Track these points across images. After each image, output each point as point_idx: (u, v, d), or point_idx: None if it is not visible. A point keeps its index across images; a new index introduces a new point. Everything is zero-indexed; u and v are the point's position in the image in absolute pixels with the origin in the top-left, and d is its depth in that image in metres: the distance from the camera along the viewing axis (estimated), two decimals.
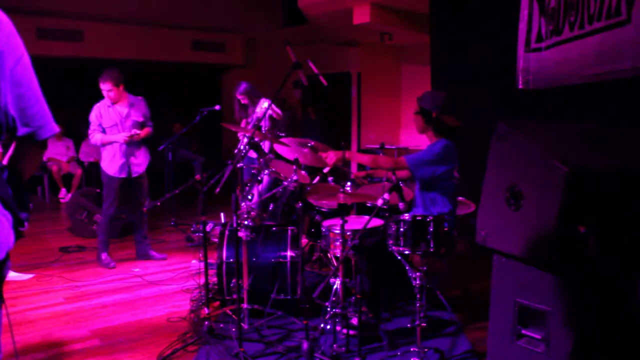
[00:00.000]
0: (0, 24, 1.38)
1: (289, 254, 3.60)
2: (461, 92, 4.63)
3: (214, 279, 3.79)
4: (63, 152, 8.59)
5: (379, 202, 2.91)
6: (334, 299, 3.32)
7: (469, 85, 5.14)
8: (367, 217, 3.15)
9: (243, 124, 5.81)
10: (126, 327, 3.51)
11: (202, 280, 3.57)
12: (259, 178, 3.52)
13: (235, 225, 3.23)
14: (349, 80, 9.54)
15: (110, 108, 4.72)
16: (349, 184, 3.72)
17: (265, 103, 5.71)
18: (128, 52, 9.29)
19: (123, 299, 4.06)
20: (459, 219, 3.69)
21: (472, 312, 3.62)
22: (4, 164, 1.47)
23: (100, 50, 8.91)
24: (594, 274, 2.12)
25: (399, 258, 2.93)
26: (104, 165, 4.81)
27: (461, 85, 5.19)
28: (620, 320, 2.18)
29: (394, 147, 8.74)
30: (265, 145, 5.41)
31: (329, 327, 3.20)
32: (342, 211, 3.13)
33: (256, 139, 3.52)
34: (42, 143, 1.52)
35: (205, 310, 3.41)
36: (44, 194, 8.51)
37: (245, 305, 3.32)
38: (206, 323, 3.30)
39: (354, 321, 3.09)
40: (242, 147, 3.62)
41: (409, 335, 3.15)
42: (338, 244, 3.19)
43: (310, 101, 9.07)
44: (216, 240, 3.76)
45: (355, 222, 3.37)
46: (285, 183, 3.47)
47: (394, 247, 2.88)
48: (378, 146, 4.67)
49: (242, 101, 5.79)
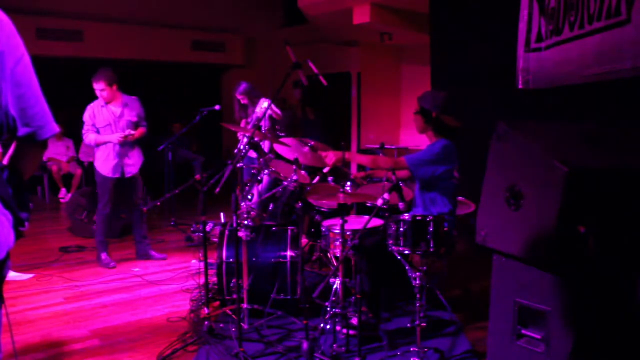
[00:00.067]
0: (0, 24, 1.38)
1: (289, 254, 3.60)
2: (461, 92, 4.63)
3: (214, 279, 3.79)
4: (63, 152, 8.59)
5: (379, 202, 2.91)
6: (334, 299, 3.32)
7: (469, 85, 5.14)
8: (367, 217, 3.15)
9: (243, 124, 5.81)
10: (126, 327, 3.51)
11: (202, 280, 3.57)
12: (259, 178, 3.52)
13: (235, 225, 3.23)
14: (349, 80, 9.54)
15: (104, 108, 4.71)
16: (348, 184, 3.72)
17: (265, 103, 5.71)
18: (128, 52, 9.29)
19: (123, 299, 4.06)
20: (459, 219, 3.69)
21: (472, 312, 3.62)
22: (4, 164, 1.47)
23: (100, 50, 8.90)
24: (594, 274, 2.12)
25: (399, 258, 2.93)
26: (97, 166, 4.81)
27: (461, 85, 5.18)
28: (620, 320, 2.18)
29: (394, 147, 8.73)
30: (265, 145, 5.41)
31: (329, 327, 3.20)
32: (342, 211, 3.13)
33: (256, 139, 3.52)
34: (43, 143, 1.52)
35: (205, 310, 3.42)
36: (44, 194, 8.51)
37: (245, 305, 3.32)
38: (206, 323, 3.30)
39: (354, 321, 3.09)
40: (242, 147, 3.62)
41: (409, 335, 3.15)
42: (338, 244, 3.19)
43: (310, 101, 9.07)
44: (216, 240, 3.76)
45: (355, 222, 3.37)
46: (285, 183, 3.47)
47: (394, 247, 2.88)
48: (378, 146, 4.67)
49: (242, 101, 5.80)
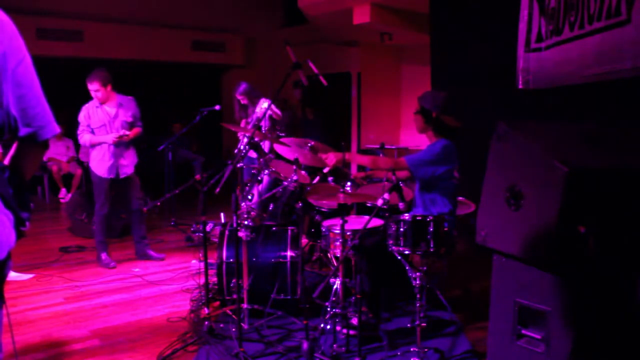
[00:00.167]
0: (2, 25, 1.39)
1: (289, 254, 3.60)
2: (461, 92, 4.63)
3: (214, 279, 3.79)
4: (63, 152, 8.59)
5: (379, 202, 2.91)
6: (334, 299, 3.32)
7: (469, 85, 5.14)
8: (367, 217, 3.15)
9: (243, 124, 5.82)
10: (126, 327, 3.51)
11: (202, 280, 3.57)
12: (259, 178, 3.52)
13: (235, 225, 3.23)
14: (349, 80, 9.54)
15: (98, 109, 4.70)
16: (348, 184, 3.72)
17: (265, 103, 5.71)
18: (128, 52, 9.29)
19: (123, 299, 4.06)
20: (459, 219, 3.69)
21: (472, 312, 3.62)
22: (5, 164, 1.47)
23: (100, 50, 8.90)
24: (594, 274, 2.12)
25: (399, 258, 2.93)
26: (92, 166, 4.81)
27: (461, 85, 5.18)
28: (620, 320, 2.18)
29: (394, 147, 8.73)
30: (265, 145, 5.41)
31: (329, 327, 3.20)
32: (342, 211, 3.13)
33: (256, 139, 3.52)
34: (44, 143, 1.52)
35: (205, 310, 3.42)
36: (44, 194, 8.50)
37: (245, 305, 3.32)
38: (206, 323, 3.30)
39: (354, 321, 3.09)
40: (242, 147, 3.62)
41: (409, 335, 3.15)
42: (338, 244, 3.19)
43: (309, 101, 9.07)
44: (216, 240, 3.76)
45: (355, 222, 3.37)
46: (285, 183, 3.47)
47: (394, 247, 2.88)
48: (378, 146, 4.67)
49: (242, 101, 5.80)
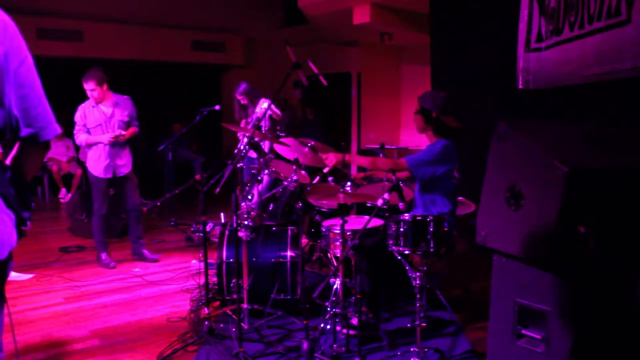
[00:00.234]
0: (4, 26, 1.39)
1: (289, 254, 3.60)
2: (461, 92, 4.63)
3: (214, 279, 3.79)
4: (63, 152, 8.59)
5: (379, 202, 2.91)
6: (334, 299, 3.32)
7: (469, 85, 5.14)
8: (367, 217, 3.15)
9: (243, 124, 5.82)
10: (126, 327, 3.51)
11: (202, 280, 3.57)
12: (259, 178, 3.52)
13: (235, 225, 3.23)
14: (349, 80, 9.54)
15: (94, 108, 4.70)
16: (348, 184, 3.72)
17: (265, 103, 5.71)
18: (128, 52, 9.29)
19: (123, 299, 4.06)
20: (459, 219, 3.69)
21: (472, 312, 3.62)
22: (7, 164, 1.47)
23: (100, 50, 8.90)
24: (594, 274, 2.12)
25: (399, 258, 2.93)
26: (89, 166, 4.81)
27: (461, 85, 5.18)
28: (620, 320, 2.18)
29: (394, 147, 8.73)
30: (265, 145, 5.41)
31: (329, 327, 3.20)
32: (342, 211, 3.13)
33: (256, 139, 3.52)
34: (45, 144, 1.53)
35: (205, 310, 3.42)
36: (44, 194, 8.51)
37: (245, 305, 3.32)
38: (206, 323, 3.30)
39: (354, 321, 3.09)
40: (242, 147, 3.62)
41: (409, 335, 3.15)
42: (338, 244, 3.19)
43: (309, 101, 9.07)
44: (216, 240, 3.76)
45: (355, 222, 3.37)
46: (285, 183, 3.47)
47: (394, 247, 2.88)
48: (378, 146, 4.67)
49: (242, 101, 5.80)
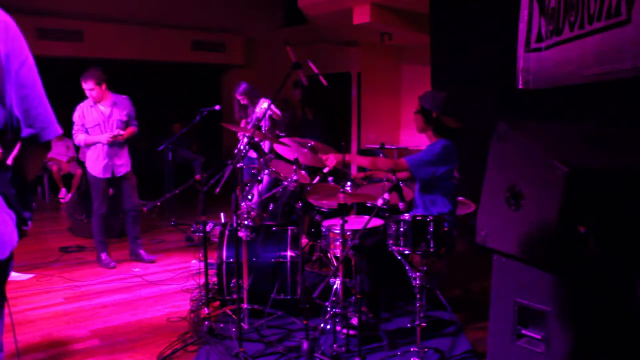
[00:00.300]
0: (5, 26, 1.39)
1: (289, 254, 3.60)
2: (461, 92, 4.63)
3: (214, 279, 3.79)
4: (63, 152, 8.59)
5: (379, 202, 2.91)
6: (334, 299, 3.32)
7: (469, 85, 5.14)
8: (367, 217, 3.15)
9: (243, 124, 5.82)
10: (126, 327, 3.51)
11: (202, 280, 3.57)
12: (259, 178, 3.52)
13: (235, 225, 3.23)
14: (349, 80, 9.54)
15: (92, 108, 4.69)
16: (348, 184, 3.72)
17: (265, 103, 5.71)
18: (128, 52, 9.29)
19: (123, 299, 4.06)
20: (459, 219, 3.69)
21: (472, 312, 3.62)
22: (8, 164, 1.48)
23: (100, 50, 8.90)
24: (594, 274, 2.12)
25: (399, 258, 2.93)
26: (88, 166, 4.81)
27: (461, 85, 5.18)
28: (620, 320, 2.18)
29: (394, 147, 8.73)
30: (265, 145, 5.41)
31: (329, 327, 3.20)
32: (342, 211, 3.13)
33: (256, 139, 3.52)
34: (46, 144, 1.53)
35: (205, 310, 3.41)
36: (44, 194, 8.51)
37: (245, 305, 3.32)
38: (206, 323, 3.30)
39: (354, 321, 3.09)
40: (242, 147, 3.62)
41: (409, 335, 3.15)
42: (338, 244, 3.19)
43: (309, 101, 9.07)
44: (216, 240, 3.76)
45: (355, 222, 3.37)
46: (285, 183, 3.47)
47: (394, 247, 2.88)
48: (378, 146, 4.67)
49: (242, 101, 5.80)
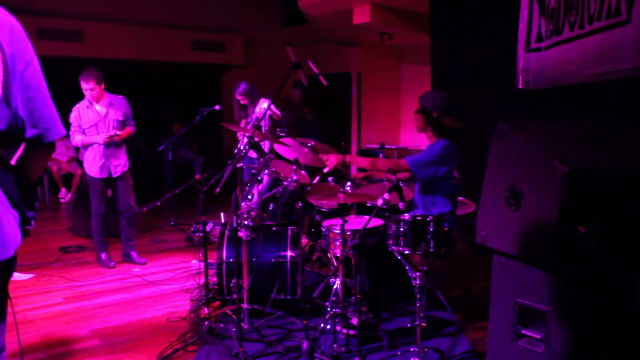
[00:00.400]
0: (11, 28, 1.40)
1: (289, 254, 3.60)
2: (461, 92, 4.63)
3: (214, 279, 3.79)
4: (63, 152, 8.58)
5: (379, 202, 2.91)
6: (334, 299, 3.32)
7: (469, 85, 5.14)
8: (367, 217, 3.15)
9: (243, 124, 5.82)
10: (126, 327, 3.52)
11: (202, 280, 3.57)
12: (259, 178, 3.52)
13: (235, 225, 3.23)
14: (349, 80, 9.54)
15: (89, 109, 4.69)
16: (348, 184, 3.72)
17: (264, 103, 5.71)
18: (128, 52, 9.29)
19: (123, 299, 4.06)
20: (459, 219, 3.69)
21: (472, 312, 3.62)
22: (12, 165, 1.48)
23: (100, 50, 8.90)
24: (594, 274, 2.12)
25: (399, 258, 2.93)
26: (86, 167, 4.82)
27: (461, 85, 5.18)
28: (620, 320, 2.18)
29: (394, 147, 8.73)
30: (265, 145, 5.41)
31: (329, 327, 3.20)
32: (342, 211, 3.13)
33: (256, 139, 3.52)
34: (50, 145, 1.54)
35: (205, 310, 3.42)
36: (44, 194, 8.50)
37: (245, 305, 3.32)
38: (206, 323, 3.30)
39: (354, 321, 3.09)
40: (242, 147, 3.62)
41: (409, 335, 3.15)
42: (338, 244, 3.19)
43: (308, 101, 9.06)
44: (216, 240, 3.76)
45: (355, 222, 3.37)
46: (285, 183, 3.47)
47: (394, 247, 2.88)
48: (378, 146, 4.67)
49: (242, 101, 5.80)
